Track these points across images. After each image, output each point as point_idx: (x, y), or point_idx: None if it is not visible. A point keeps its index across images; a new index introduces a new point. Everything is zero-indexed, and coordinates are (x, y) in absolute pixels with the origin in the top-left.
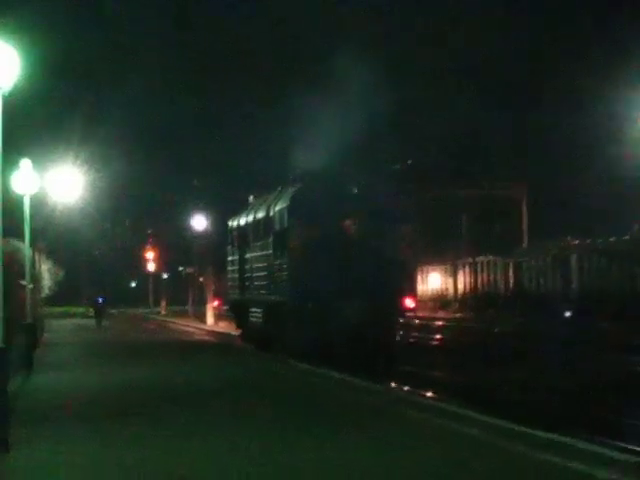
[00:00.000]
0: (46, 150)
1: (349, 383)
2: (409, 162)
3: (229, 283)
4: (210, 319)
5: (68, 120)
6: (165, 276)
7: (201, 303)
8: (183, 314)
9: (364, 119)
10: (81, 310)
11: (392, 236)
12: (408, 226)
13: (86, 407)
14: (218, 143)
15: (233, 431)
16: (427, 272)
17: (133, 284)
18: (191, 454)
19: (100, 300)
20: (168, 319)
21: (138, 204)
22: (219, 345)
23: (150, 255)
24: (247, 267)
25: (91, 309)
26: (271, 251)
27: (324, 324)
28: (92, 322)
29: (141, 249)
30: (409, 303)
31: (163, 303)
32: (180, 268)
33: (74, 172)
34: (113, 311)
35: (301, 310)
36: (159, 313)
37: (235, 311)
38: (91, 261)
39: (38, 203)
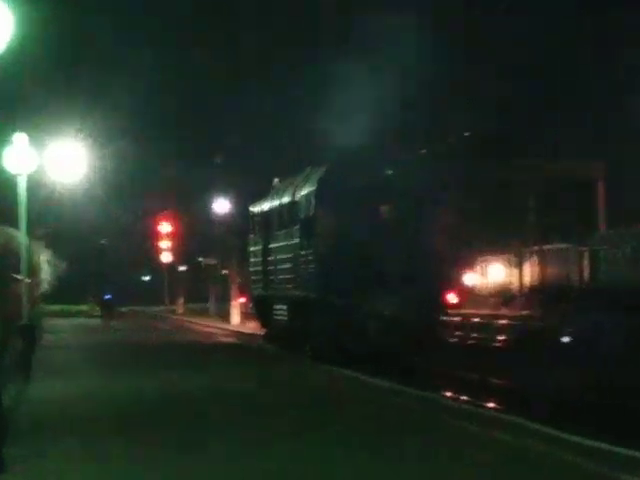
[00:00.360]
0: (45, 123)
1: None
2: (466, 134)
3: (251, 277)
4: (235, 318)
5: (71, 88)
6: (182, 268)
7: (225, 300)
8: (203, 312)
9: (406, 87)
10: (86, 308)
11: (435, 223)
12: (454, 212)
13: (90, 423)
14: (242, 117)
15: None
16: (487, 263)
17: (146, 278)
18: None
19: (107, 297)
20: (186, 318)
21: (151, 185)
22: (246, 348)
23: (164, 243)
24: (271, 259)
25: (97, 307)
26: (297, 240)
27: (355, 322)
28: (98, 322)
29: (155, 235)
30: (452, 298)
31: (180, 300)
32: (200, 259)
33: (77, 148)
34: (123, 309)
35: (330, 306)
36: (175, 312)
37: (258, 308)
38: (97, 252)
39: (35, 184)
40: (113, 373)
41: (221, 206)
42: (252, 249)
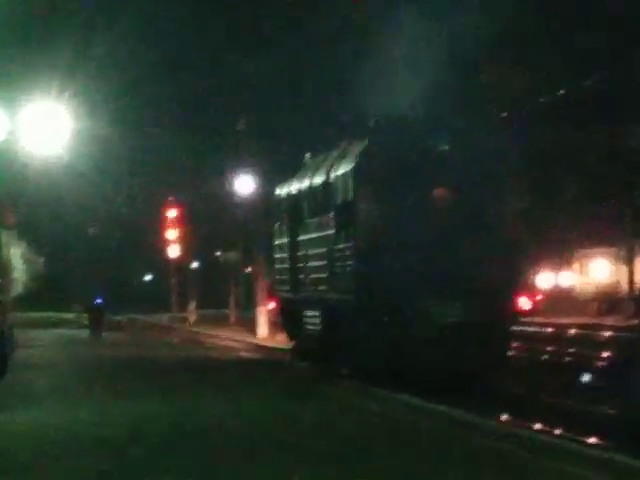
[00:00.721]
0: (19, 78)
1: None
2: (541, 100)
3: (276, 276)
4: (263, 329)
5: (52, 37)
6: (194, 265)
7: (249, 305)
8: (222, 321)
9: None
10: (71, 316)
11: (506, 210)
12: (527, 196)
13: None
14: (269, 76)
15: None
16: (588, 259)
17: (148, 278)
18: None
19: (98, 301)
20: (200, 329)
21: (153, 159)
22: (274, 368)
23: (172, 234)
24: (300, 254)
25: (85, 315)
26: (332, 231)
27: (406, 333)
28: (86, 334)
29: (158, 223)
30: (524, 303)
31: (192, 305)
32: (217, 253)
33: (59, 110)
34: (118, 318)
35: (373, 314)
36: (186, 320)
37: (285, 315)
38: (85, 244)
39: (4, 156)
40: (102, 402)
41: (245, 185)
42: (277, 242)
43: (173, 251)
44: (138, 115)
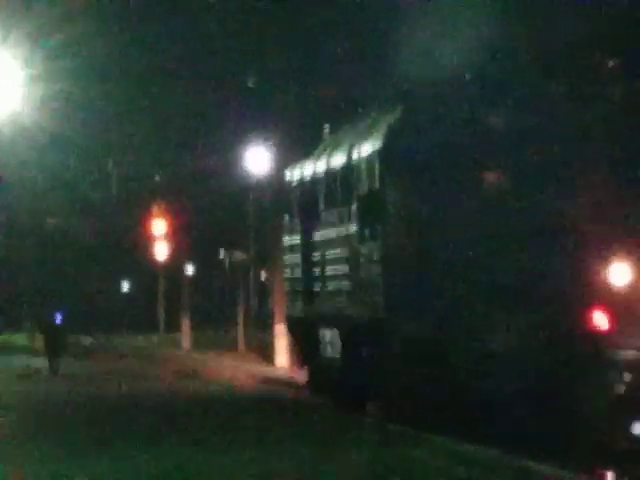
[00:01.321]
0: None
1: None
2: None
3: (286, 286)
4: (282, 356)
5: None
6: (190, 271)
7: (265, 324)
8: (228, 344)
9: None
10: (21, 340)
11: (577, 202)
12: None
13: None
14: (285, 29)
15: None
16: None
17: (125, 288)
18: None
19: (58, 318)
20: (197, 356)
21: (134, 125)
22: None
23: (160, 227)
24: (316, 257)
25: (40, 337)
26: (354, 229)
27: (446, 362)
28: (42, 363)
29: (142, 213)
30: (599, 321)
31: (186, 323)
32: (221, 254)
33: (7, 62)
34: (87, 340)
35: (408, 335)
36: (178, 344)
37: (298, 336)
38: (41, 240)
39: None
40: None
41: (258, 161)
42: (287, 241)
43: (161, 251)
44: (114, 63)
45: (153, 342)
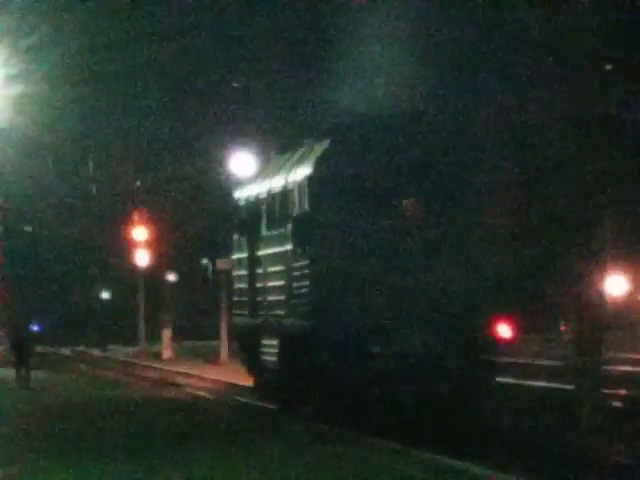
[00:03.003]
0: None
1: None
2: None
3: (233, 298)
4: None
5: None
6: (172, 278)
7: None
8: (210, 358)
9: None
10: None
11: (491, 223)
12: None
13: None
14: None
15: None
16: None
17: (105, 295)
18: None
19: (33, 329)
20: (178, 369)
21: (115, 128)
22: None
23: (140, 233)
24: (259, 272)
25: (12, 350)
26: (289, 247)
27: (369, 366)
28: (12, 376)
29: (122, 219)
30: (504, 331)
31: (167, 334)
32: (203, 261)
33: None
34: (63, 351)
35: (329, 343)
36: (158, 356)
37: (243, 345)
38: (17, 246)
39: None
40: None
41: (242, 164)
42: (235, 256)
43: (141, 258)
44: (93, 64)
45: (131, 354)
